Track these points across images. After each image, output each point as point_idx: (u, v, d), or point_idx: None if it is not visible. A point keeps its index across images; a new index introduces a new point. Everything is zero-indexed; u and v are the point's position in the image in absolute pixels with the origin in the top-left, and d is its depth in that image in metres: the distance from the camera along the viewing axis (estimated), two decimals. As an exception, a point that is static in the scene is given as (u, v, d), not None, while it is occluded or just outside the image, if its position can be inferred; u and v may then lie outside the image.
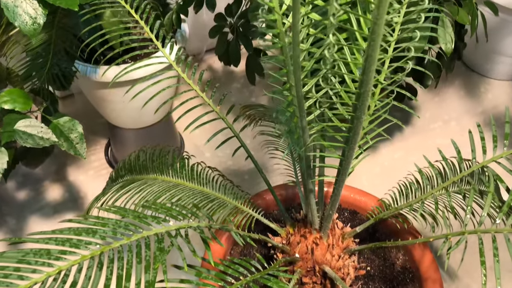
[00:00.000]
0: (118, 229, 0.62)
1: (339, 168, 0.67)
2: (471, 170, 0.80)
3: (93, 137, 1.73)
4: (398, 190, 0.91)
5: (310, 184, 0.73)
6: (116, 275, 0.56)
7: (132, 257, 0.59)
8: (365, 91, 0.55)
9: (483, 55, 1.84)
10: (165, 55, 1.00)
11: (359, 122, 0.59)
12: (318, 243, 0.84)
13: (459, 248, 0.70)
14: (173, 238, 0.64)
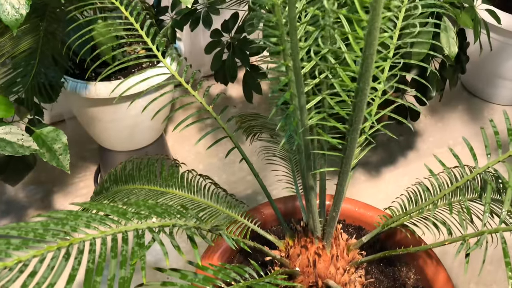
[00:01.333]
0: (92, 222, 0.54)
1: (342, 157, 0.60)
2: (482, 170, 0.73)
3: (82, 163, 1.67)
4: (407, 198, 0.83)
5: (311, 179, 0.66)
6: (85, 269, 0.48)
7: (106, 251, 0.51)
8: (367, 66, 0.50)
9: (484, 79, 1.80)
10: (166, 65, 0.94)
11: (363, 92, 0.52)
12: (320, 253, 0.75)
13: (474, 266, 0.62)
14: (155, 233, 0.56)
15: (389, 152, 1.70)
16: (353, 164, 0.82)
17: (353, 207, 0.97)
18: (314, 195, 0.68)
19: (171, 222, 0.60)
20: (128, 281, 0.49)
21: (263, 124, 0.99)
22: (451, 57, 0.97)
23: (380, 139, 1.74)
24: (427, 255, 0.90)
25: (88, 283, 0.46)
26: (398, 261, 0.92)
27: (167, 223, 0.60)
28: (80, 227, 0.53)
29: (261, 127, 1.00)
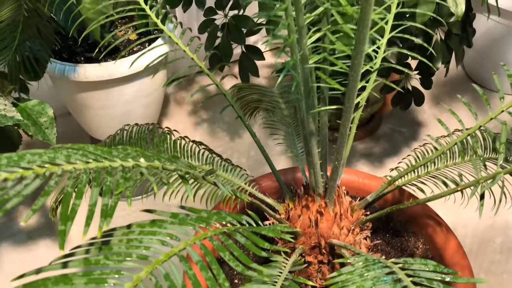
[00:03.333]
0: (73, 155, 0.51)
1: (345, 91, 0.57)
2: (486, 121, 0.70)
3: (74, 159, 1.63)
4: (414, 158, 0.80)
5: (311, 123, 0.62)
6: (64, 193, 0.45)
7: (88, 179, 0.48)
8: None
9: (490, 68, 1.78)
10: (167, 32, 0.91)
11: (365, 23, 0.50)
12: (323, 212, 0.72)
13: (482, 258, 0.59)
14: (142, 168, 0.53)
15: (393, 143, 1.67)
16: (356, 120, 0.79)
17: (356, 177, 0.93)
18: (314, 142, 0.65)
19: (161, 164, 0.56)
20: (111, 209, 0.45)
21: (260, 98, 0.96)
22: (458, 16, 0.94)
23: (383, 131, 1.71)
24: (437, 223, 0.86)
25: (66, 205, 0.43)
26: (406, 232, 0.88)
27: (156, 164, 0.56)
28: (59, 159, 0.50)
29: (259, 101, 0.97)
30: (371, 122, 1.70)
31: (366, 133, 1.68)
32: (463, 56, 1.20)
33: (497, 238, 1.40)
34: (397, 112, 1.76)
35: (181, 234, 0.49)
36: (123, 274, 0.41)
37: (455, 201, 0.88)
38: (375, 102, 1.61)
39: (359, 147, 1.66)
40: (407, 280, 0.48)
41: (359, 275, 0.50)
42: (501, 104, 0.66)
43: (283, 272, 0.66)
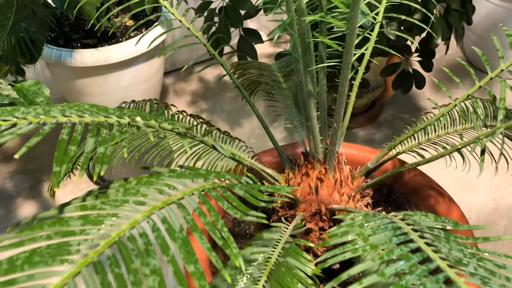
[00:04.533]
0: (68, 110, 0.51)
1: (343, 47, 0.57)
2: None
3: (72, 151, 1.63)
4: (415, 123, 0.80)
5: (309, 83, 0.62)
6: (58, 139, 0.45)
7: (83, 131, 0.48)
8: None
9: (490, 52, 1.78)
10: (170, 9, 0.91)
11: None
12: (323, 178, 0.72)
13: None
14: (137, 122, 0.53)
15: (394, 129, 1.67)
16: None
17: (357, 151, 0.93)
18: (313, 104, 0.65)
19: (157, 123, 0.57)
20: (107, 158, 0.46)
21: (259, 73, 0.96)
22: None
23: (385, 117, 1.71)
24: (439, 193, 0.86)
25: (61, 150, 0.43)
26: (408, 204, 0.88)
27: (152, 123, 0.56)
28: (54, 113, 0.50)
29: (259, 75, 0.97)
30: (373, 109, 1.70)
31: (367, 120, 1.68)
32: (463, 33, 1.20)
33: (501, 221, 1.39)
34: (398, 98, 1.76)
35: (180, 186, 0.50)
36: (120, 217, 0.41)
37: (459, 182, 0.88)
38: (376, 88, 1.61)
39: (360, 133, 1.66)
40: (407, 228, 0.48)
41: (358, 225, 0.50)
42: (501, 63, 0.66)
43: (283, 236, 0.66)
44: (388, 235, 0.47)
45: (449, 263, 0.43)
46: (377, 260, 0.43)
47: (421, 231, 0.48)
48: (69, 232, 0.39)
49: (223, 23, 1.25)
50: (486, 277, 0.41)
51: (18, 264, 0.35)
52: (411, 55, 1.39)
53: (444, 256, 0.44)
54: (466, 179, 1.44)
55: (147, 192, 0.46)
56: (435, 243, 0.46)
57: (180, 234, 0.41)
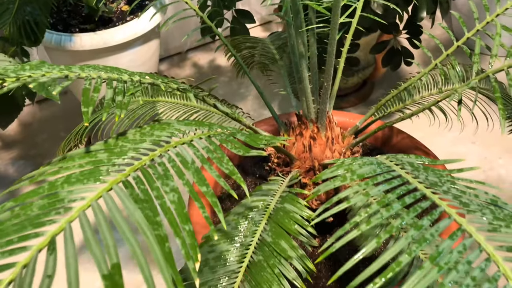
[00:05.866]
0: (86, 68, 0.58)
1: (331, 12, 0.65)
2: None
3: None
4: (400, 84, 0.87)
5: (300, 45, 0.70)
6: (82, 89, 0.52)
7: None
8: None
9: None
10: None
11: None
12: (315, 137, 0.79)
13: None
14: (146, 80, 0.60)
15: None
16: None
17: (348, 118, 1.01)
18: (305, 65, 0.72)
19: (164, 83, 0.64)
20: (125, 105, 0.53)
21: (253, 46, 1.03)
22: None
23: (376, 96, 1.78)
24: (424, 153, 0.94)
25: (86, 96, 0.50)
26: (397, 164, 0.96)
27: (159, 82, 0.63)
28: (74, 70, 0.57)
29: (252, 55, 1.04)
30: (364, 88, 1.78)
31: (359, 99, 1.76)
32: (448, 8, 1.27)
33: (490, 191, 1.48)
34: (388, 77, 1.84)
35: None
36: (140, 151, 0.49)
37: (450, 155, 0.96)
38: (366, 67, 1.69)
39: (352, 112, 1.74)
40: (390, 163, 0.56)
41: (347, 164, 0.57)
42: (476, 24, 0.74)
43: (281, 187, 0.74)
44: (373, 168, 0.54)
45: (425, 185, 0.50)
46: (363, 185, 0.51)
47: (402, 165, 0.56)
48: (98, 161, 0.46)
49: (216, 4, 1.32)
50: (457, 195, 0.49)
51: (59, 184, 0.42)
52: (399, 33, 1.47)
53: (421, 181, 0.51)
54: (456, 151, 1.52)
55: (161, 135, 0.53)
56: (414, 172, 0.53)
57: (192, 165, 0.48)
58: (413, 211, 0.45)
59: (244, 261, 0.63)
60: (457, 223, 0.44)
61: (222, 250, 0.64)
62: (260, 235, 0.65)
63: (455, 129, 1.55)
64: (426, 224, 0.44)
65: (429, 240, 0.42)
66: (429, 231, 0.43)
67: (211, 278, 0.61)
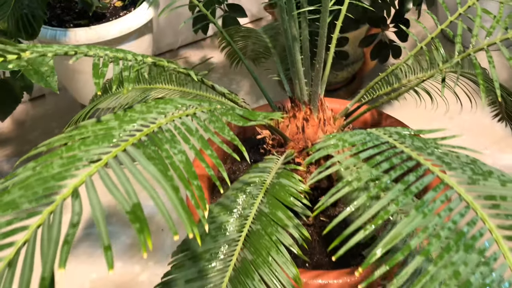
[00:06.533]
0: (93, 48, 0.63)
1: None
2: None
3: (65, 133, 1.74)
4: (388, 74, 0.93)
5: (293, 27, 0.75)
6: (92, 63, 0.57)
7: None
8: None
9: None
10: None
11: None
12: (308, 118, 0.84)
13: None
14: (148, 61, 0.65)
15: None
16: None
17: (339, 105, 1.06)
18: (297, 47, 0.78)
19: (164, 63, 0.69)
20: (132, 79, 0.58)
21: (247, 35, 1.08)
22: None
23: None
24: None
25: (96, 71, 0.55)
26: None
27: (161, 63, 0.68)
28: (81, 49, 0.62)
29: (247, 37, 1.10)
30: (353, 83, 1.84)
31: (348, 94, 1.82)
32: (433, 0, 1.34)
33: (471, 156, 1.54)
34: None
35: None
36: (147, 120, 0.53)
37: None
38: (355, 61, 1.75)
39: (342, 106, 1.79)
40: (379, 133, 0.61)
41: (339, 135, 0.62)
42: (458, 7, 0.80)
43: (276, 164, 0.79)
44: (363, 136, 0.60)
45: (411, 149, 0.56)
46: (354, 150, 0.56)
47: (390, 134, 0.61)
48: (110, 128, 0.50)
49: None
50: (440, 156, 0.54)
51: (76, 146, 0.47)
52: (387, 27, 1.53)
53: (407, 146, 0.56)
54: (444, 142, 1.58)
55: (166, 107, 0.58)
56: (401, 139, 0.59)
57: (197, 132, 0.53)
58: (400, 169, 0.51)
59: (244, 230, 0.67)
60: (440, 178, 0.49)
61: (223, 221, 0.68)
62: (258, 207, 0.70)
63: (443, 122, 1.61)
64: (411, 180, 0.49)
65: (414, 192, 0.48)
66: (415, 184, 0.48)
67: (212, 246, 0.66)
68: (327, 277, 0.76)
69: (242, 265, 0.64)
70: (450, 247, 0.41)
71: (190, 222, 0.39)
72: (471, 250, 0.41)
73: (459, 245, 0.41)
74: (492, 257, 0.41)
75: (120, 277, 1.32)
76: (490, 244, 0.42)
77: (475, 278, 0.39)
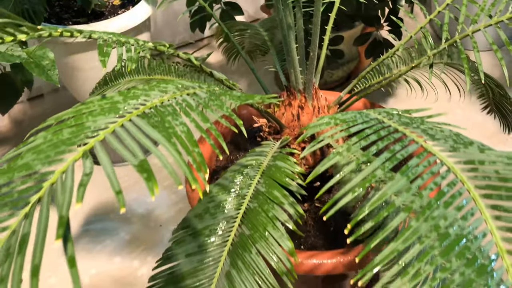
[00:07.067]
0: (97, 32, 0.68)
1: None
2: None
3: (63, 132, 1.78)
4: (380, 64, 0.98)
5: (288, 16, 0.79)
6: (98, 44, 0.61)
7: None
8: None
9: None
10: None
11: None
12: (303, 106, 0.89)
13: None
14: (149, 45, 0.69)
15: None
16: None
17: (334, 97, 1.11)
18: (292, 36, 0.82)
19: (166, 47, 0.73)
20: (135, 60, 0.62)
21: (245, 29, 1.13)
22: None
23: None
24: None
25: (101, 49, 0.59)
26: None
27: (161, 48, 0.73)
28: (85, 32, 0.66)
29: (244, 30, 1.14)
30: (348, 82, 1.89)
31: (344, 92, 1.87)
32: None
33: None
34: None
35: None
36: (150, 96, 0.58)
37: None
38: (350, 61, 1.80)
39: (338, 105, 1.84)
40: (369, 112, 0.66)
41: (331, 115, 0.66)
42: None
43: (273, 148, 0.83)
44: (354, 115, 0.64)
45: (398, 124, 0.60)
46: (344, 126, 0.60)
47: (379, 113, 0.66)
48: (115, 102, 0.55)
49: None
50: (425, 130, 0.59)
51: (83, 116, 0.51)
52: (381, 26, 1.58)
53: (395, 121, 0.61)
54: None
55: (167, 86, 0.62)
56: (389, 116, 0.63)
57: (197, 108, 0.58)
58: (386, 140, 0.55)
59: (241, 208, 0.72)
60: (423, 147, 0.54)
61: (221, 200, 0.73)
62: (255, 186, 0.74)
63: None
64: (397, 149, 0.53)
65: (400, 159, 0.52)
66: (400, 152, 0.53)
67: (212, 223, 0.70)
68: (321, 257, 0.80)
69: (240, 239, 0.68)
70: (431, 204, 0.46)
71: (192, 177, 0.43)
72: (450, 206, 0.45)
73: (440, 202, 0.46)
74: (469, 212, 0.45)
75: (119, 271, 1.35)
76: (468, 201, 0.46)
77: (453, 230, 0.44)
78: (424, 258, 0.42)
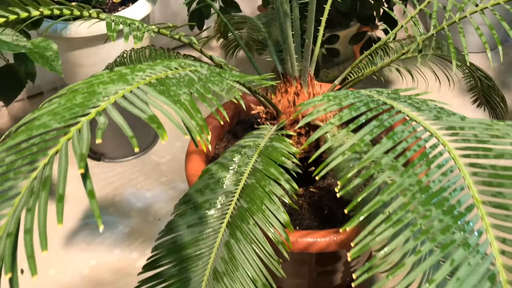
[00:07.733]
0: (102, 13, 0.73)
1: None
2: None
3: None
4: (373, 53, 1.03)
5: (285, 5, 0.85)
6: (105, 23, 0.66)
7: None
8: None
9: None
10: None
11: None
12: (299, 93, 0.94)
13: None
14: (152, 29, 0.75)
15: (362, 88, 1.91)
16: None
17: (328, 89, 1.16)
18: (288, 23, 0.88)
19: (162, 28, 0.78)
20: (140, 38, 0.67)
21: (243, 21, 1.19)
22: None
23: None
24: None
25: (110, 26, 0.65)
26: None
27: (164, 31, 0.78)
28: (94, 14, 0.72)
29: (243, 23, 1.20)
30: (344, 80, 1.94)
31: (340, 92, 1.92)
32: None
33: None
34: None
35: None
36: (156, 71, 0.63)
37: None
38: (346, 60, 1.86)
39: (334, 104, 1.90)
40: (359, 90, 0.71)
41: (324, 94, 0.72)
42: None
43: (270, 131, 0.88)
44: (345, 92, 0.69)
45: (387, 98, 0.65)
46: (337, 100, 0.65)
47: (369, 90, 0.71)
48: (123, 73, 0.60)
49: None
50: (412, 103, 0.64)
51: (95, 84, 0.56)
52: (376, 26, 1.64)
53: (384, 96, 0.66)
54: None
55: (171, 63, 0.67)
56: (378, 93, 0.68)
57: (199, 82, 0.63)
58: (375, 110, 0.60)
59: (240, 184, 0.77)
60: (409, 116, 0.59)
61: (221, 176, 0.78)
62: (253, 165, 0.79)
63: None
64: (385, 118, 0.59)
65: (387, 127, 0.57)
66: (387, 121, 0.58)
67: (212, 197, 0.75)
68: (315, 235, 0.85)
69: (238, 212, 0.73)
70: (414, 163, 0.51)
71: (195, 130, 0.48)
72: (432, 164, 0.51)
73: (422, 161, 0.51)
74: (449, 170, 0.50)
75: (119, 263, 1.39)
76: (448, 160, 0.51)
77: (433, 184, 0.49)
78: (406, 207, 0.47)
